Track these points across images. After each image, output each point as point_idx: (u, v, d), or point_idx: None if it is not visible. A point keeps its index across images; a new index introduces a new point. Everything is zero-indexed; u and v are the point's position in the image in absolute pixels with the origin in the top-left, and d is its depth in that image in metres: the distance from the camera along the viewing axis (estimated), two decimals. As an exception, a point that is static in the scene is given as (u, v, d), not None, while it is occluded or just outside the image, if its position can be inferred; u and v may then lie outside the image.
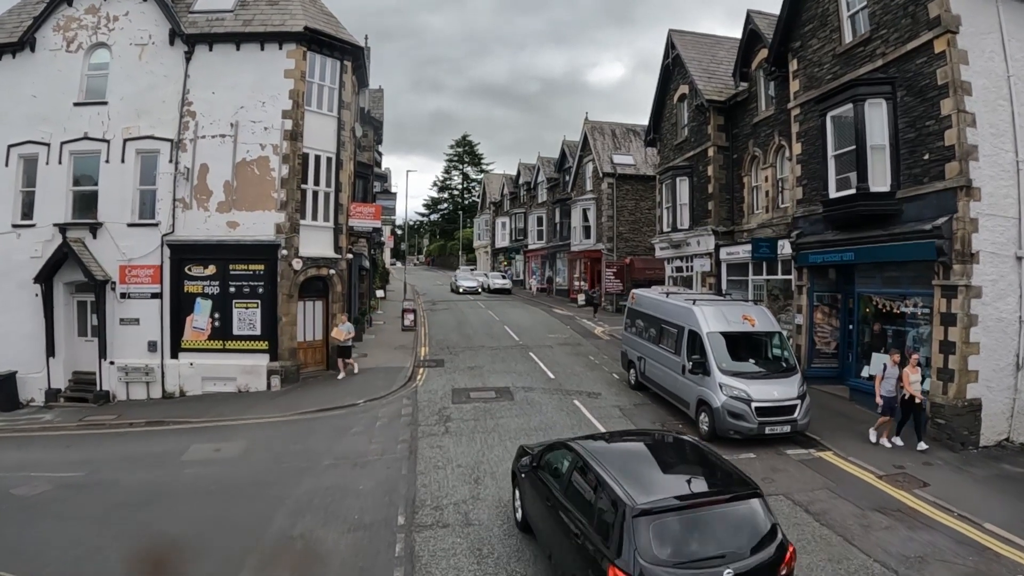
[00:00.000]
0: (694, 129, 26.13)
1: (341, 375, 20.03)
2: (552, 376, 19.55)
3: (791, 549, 6.57)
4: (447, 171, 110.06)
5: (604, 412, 15.62)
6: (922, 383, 13.87)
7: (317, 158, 20.79)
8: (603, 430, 14.01)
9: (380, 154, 36.42)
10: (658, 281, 39.66)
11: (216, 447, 14.35)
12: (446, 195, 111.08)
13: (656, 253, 30.35)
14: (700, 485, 7.08)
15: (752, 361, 14.26)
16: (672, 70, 27.97)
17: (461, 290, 48.05)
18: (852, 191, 16.01)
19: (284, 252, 19.64)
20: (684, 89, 27.03)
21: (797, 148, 19.51)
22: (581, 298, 41.13)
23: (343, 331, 20.28)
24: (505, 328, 29.54)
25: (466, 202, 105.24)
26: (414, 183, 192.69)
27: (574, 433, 13.36)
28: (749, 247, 21.60)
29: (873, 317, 16.82)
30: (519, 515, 9.30)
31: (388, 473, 11.93)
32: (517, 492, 9.43)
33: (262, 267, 19.91)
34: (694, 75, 25.31)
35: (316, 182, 20.72)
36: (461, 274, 55.70)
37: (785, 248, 19.74)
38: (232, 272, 19.99)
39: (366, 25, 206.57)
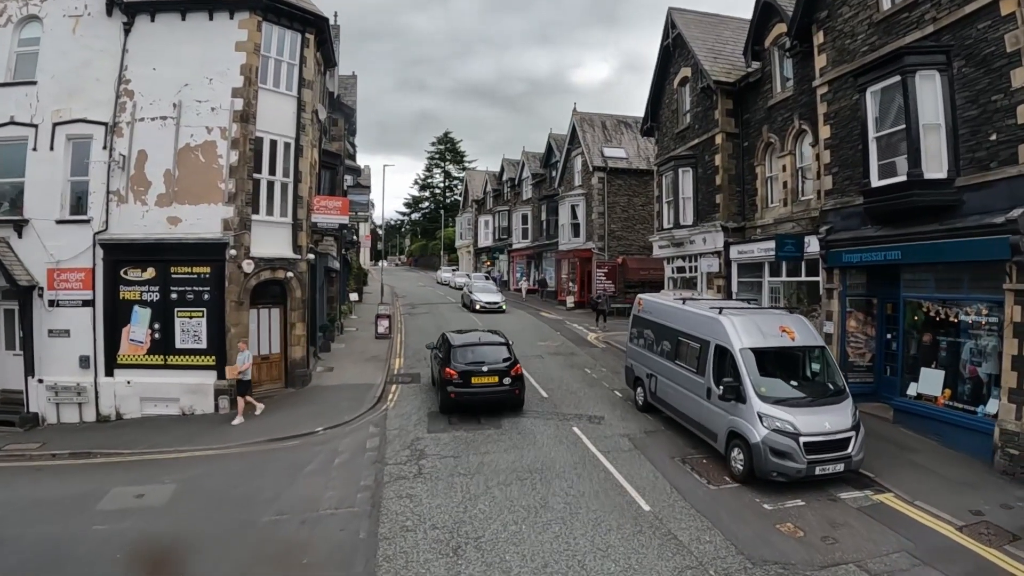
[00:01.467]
0: (698, 115, 23.66)
1: (237, 419, 15.45)
2: (545, 395, 16.92)
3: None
4: (428, 169, 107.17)
5: (611, 443, 12.99)
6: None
7: (273, 143, 17.99)
8: (612, 468, 11.44)
9: (354, 146, 33.62)
10: (654, 283, 37.23)
11: (140, 492, 11.59)
12: (427, 194, 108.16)
13: (654, 252, 27.87)
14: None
15: (794, 383, 11.74)
16: (672, 52, 25.49)
17: (479, 307, 33.58)
18: (900, 178, 13.61)
19: (232, 252, 16.84)
20: (686, 72, 24.56)
21: (825, 131, 17.07)
22: (570, 300, 38.57)
23: (239, 363, 16.02)
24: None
25: (448, 201, 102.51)
26: (396, 182, 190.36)
27: (577, 475, 10.81)
28: (767, 245, 19.18)
29: (922, 326, 14.37)
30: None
31: (342, 537, 9.22)
32: None
33: (207, 270, 17.12)
34: (699, 55, 22.83)
35: (271, 171, 17.92)
36: (477, 283, 39.99)
37: (811, 245, 17.31)
38: (174, 275, 17.20)
39: (350, 25, 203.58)
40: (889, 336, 15.88)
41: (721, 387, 11.31)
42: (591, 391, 17.42)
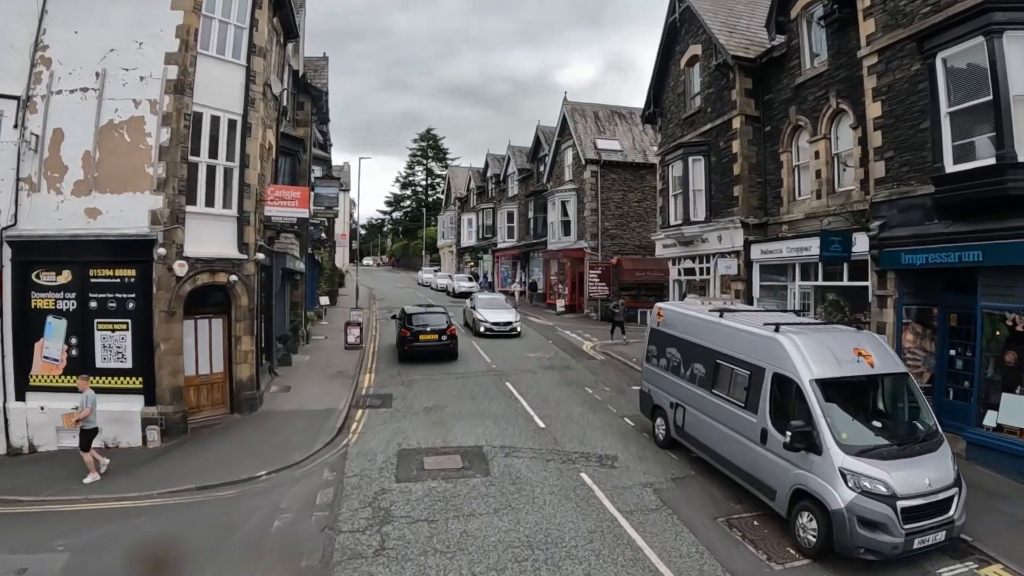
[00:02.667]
0: (711, 97, 20.95)
1: (89, 477, 11.75)
2: (542, 424, 14.03)
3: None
4: (410, 167, 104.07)
5: (633, 498, 10.06)
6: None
7: (215, 121, 14.97)
8: (640, 540, 8.61)
9: (325, 134, 30.57)
10: (651, 285, 34.57)
11: (23, 566, 8.65)
12: (409, 192, 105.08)
13: (656, 252, 25.12)
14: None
15: (876, 424, 9.00)
16: (679, 28, 22.78)
17: (483, 328, 25.88)
18: (986, 162, 10.98)
19: (161, 251, 13.81)
20: (695, 50, 21.85)
21: (875, 109, 14.42)
22: (560, 304, 35.76)
23: (80, 407, 12.02)
24: (473, 345, 23.96)
25: (430, 199, 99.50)
26: (380, 181, 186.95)
27: (595, 552, 8.01)
28: (799, 244, 16.61)
29: (1005, 343, 11.71)
30: None
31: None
32: None
33: (133, 273, 14.08)
34: (712, 28, 20.12)
35: (212, 153, 14.89)
36: (482, 297, 30.05)
37: (856, 244, 14.66)
38: (93, 280, 14.14)
39: (334, 25, 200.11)
40: (953, 352, 13.25)
41: (788, 434, 8.50)
42: (596, 418, 14.56)
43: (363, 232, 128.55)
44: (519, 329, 26.36)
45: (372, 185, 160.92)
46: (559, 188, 36.57)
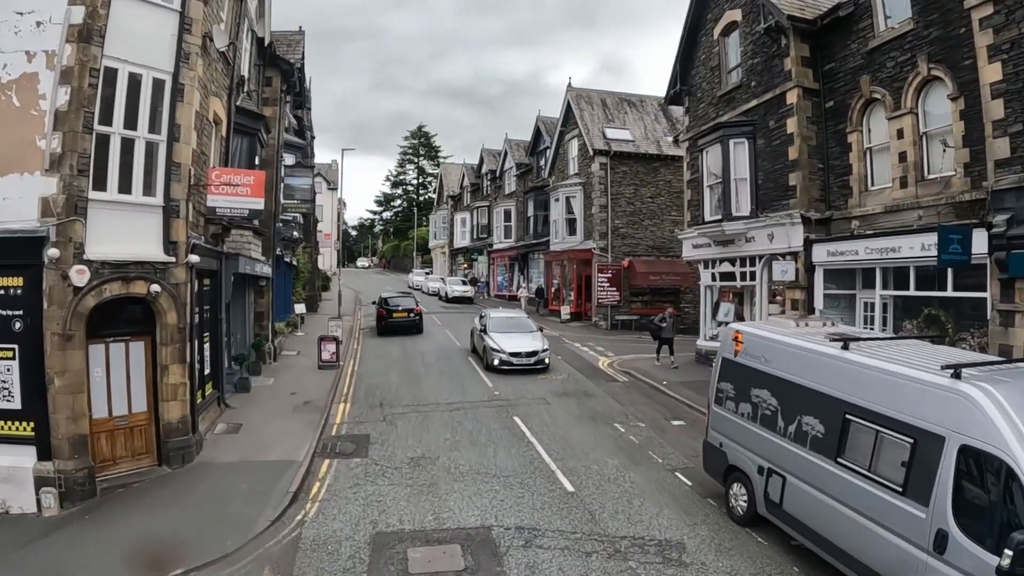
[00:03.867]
0: (756, 69, 17.53)
1: None
2: (569, 485, 10.40)
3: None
4: (401, 165, 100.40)
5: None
6: None
7: (134, 80, 11.33)
8: None
9: (300, 120, 26.99)
10: (667, 291, 31.13)
11: None
12: (400, 191, 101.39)
13: (684, 253, 21.63)
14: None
15: None
16: (713, -10, 19.37)
17: (498, 361, 19.41)
18: None
19: (53, 252, 10.19)
20: (734, 15, 18.45)
21: (991, 72, 11.18)
22: (565, 311, 32.24)
23: None
24: (471, 364, 20.38)
25: (422, 199, 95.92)
26: (372, 181, 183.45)
27: None
28: (883, 243, 13.26)
29: None
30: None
31: None
32: None
33: (18, 282, 10.48)
34: (760, -16, 16.69)
35: (130, 123, 11.24)
36: (496, 316, 22.38)
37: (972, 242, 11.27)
38: (-32, 291, 10.57)
39: (325, 25, 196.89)
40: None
41: (1009, 553, 5.04)
42: (640, 475, 10.97)
43: (354, 233, 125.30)
44: (548, 361, 19.71)
45: (363, 186, 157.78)
46: (563, 183, 33.07)
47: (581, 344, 24.80)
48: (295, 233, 21.69)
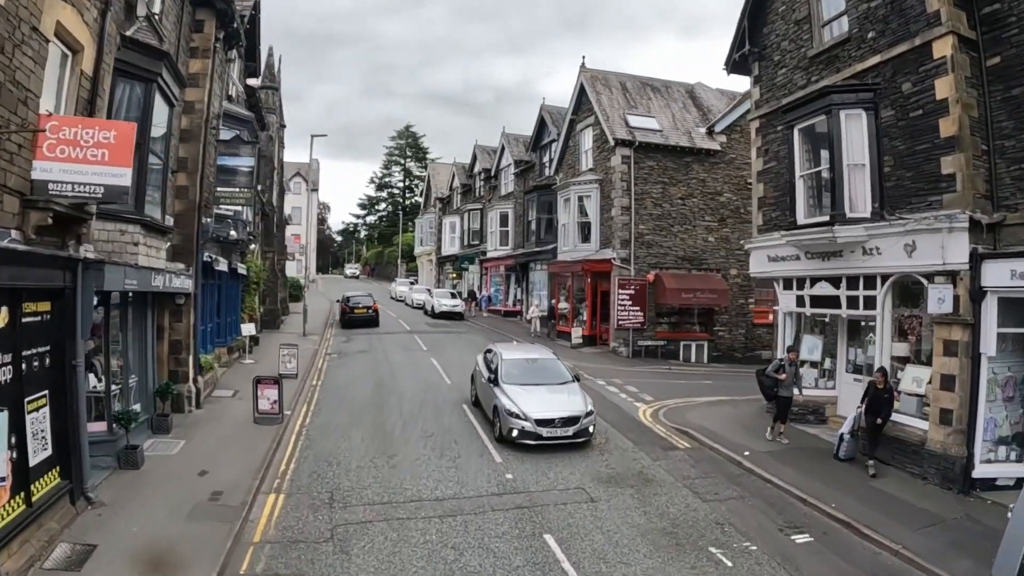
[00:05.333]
0: (875, 15, 12.45)
1: None
2: None
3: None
4: (387, 166, 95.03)
5: None
6: None
7: None
8: None
9: (253, 91, 21.64)
10: (701, 311, 26.08)
11: None
12: (385, 194, 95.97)
13: (753, 267, 16.38)
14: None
15: None
16: (801, -86, 14.29)
17: (517, 432, 12.61)
18: None
19: None
20: (835, -56, 13.36)
21: None
22: (576, 334, 26.91)
23: None
24: (469, 419, 14.77)
25: (408, 203, 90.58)
26: (356, 187, 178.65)
27: None
28: None
29: None
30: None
31: None
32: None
33: None
34: None
35: None
36: (512, 359, 14.71)
37: None
38: None
39: (317, 29, 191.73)
40: None
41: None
42: None
43: (339, 239, 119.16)
44: (592, 429, 13.13)
45: (352, 190, 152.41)
46: (576, 180, 27.83)
47: (605, 381, 19.53)
48: (232, 232, 16.23)
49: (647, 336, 25.16)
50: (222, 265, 16.27)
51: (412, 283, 54.48)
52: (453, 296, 39.33)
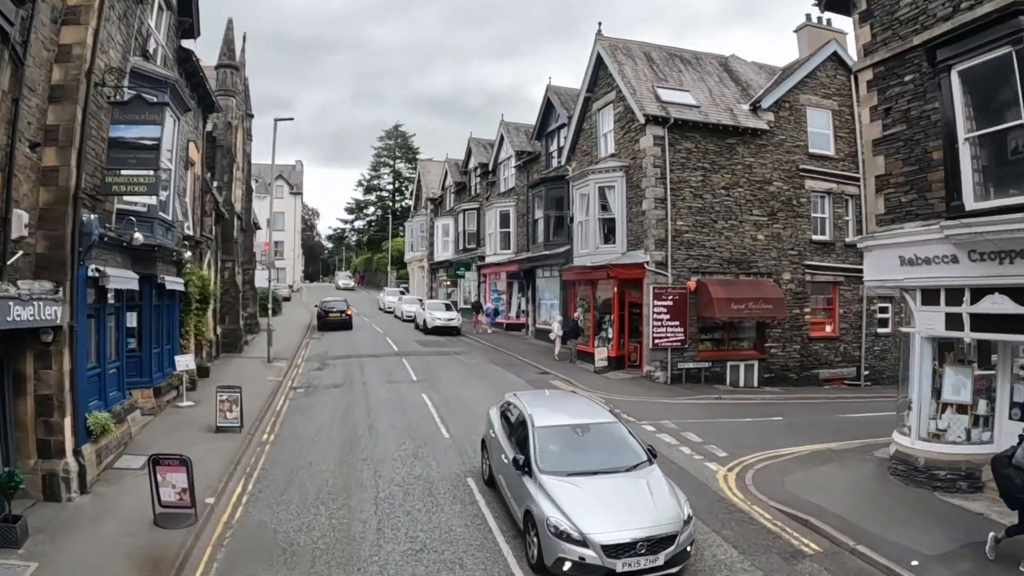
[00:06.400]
0: None
1: None
2: None
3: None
4: (375, 168, 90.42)
5: None
6: None
7: None
8: None
9: (190, 57, 17.00)
10: (751, 325, 21.56)
11: None
12: (373, 196, 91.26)
13: (867, 272, 11.75)
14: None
15: None
16: None
17: (569, 567, 7.33)
18: None
19: None
20: None
21: None
22: (600, 355, 22.23)
23: None
24: (476, 503, 9.91)
25: (398, 206, 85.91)
26: (346, 193, 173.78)
27: None
28: None
29: None
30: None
31: None
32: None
33: None
34: None
35: None
36: (547, 428, 9.18)
37: None
38: None
39: (307, 34, 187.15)
40: None
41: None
42: None
43: (329, 245, 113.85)
44: (692, 548, 7.91)
45: (343, 196, 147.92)
46: (595, 168, 23.23)
47: (653, 425, 14.88)
48: (138, 235, 11.45)
49: (688, 357, 20.57)
50: (124, 282, 11.52)
51: (402, 292, 49.78)
52: (448, 308, 34.60)
